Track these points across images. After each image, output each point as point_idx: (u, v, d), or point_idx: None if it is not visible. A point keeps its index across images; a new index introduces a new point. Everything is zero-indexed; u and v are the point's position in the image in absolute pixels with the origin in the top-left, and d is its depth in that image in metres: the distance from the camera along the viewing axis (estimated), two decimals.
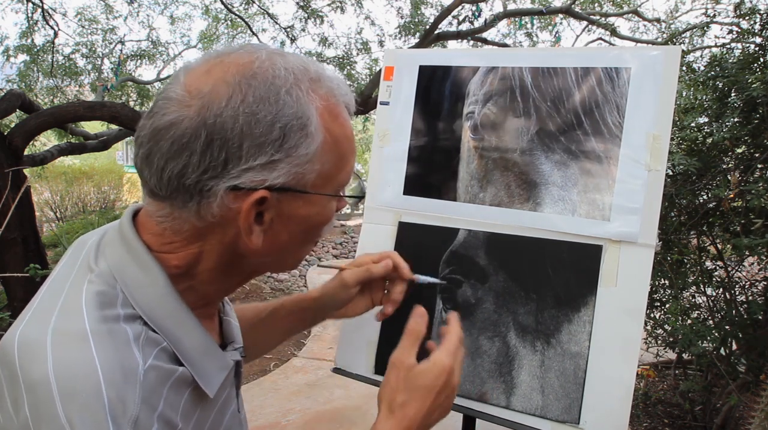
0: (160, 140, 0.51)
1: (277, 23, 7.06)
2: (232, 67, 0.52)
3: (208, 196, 0.51)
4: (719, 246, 2.35)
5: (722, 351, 2.28)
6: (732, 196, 2.01)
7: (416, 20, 6.59)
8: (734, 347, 2.32)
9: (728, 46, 2.71)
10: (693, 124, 2.33)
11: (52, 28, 6.69)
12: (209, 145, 0.50)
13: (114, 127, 5.04)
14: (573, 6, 6.20)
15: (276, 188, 0.52)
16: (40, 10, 6.23)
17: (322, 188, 0.57)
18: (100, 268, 0.55)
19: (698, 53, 5.17)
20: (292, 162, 0.52)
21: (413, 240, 1.06)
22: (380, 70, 1.35)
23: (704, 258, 2.41)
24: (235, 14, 7.22)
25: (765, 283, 2.35)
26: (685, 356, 2.63)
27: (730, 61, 2.25)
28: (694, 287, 2.42)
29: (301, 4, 6.38)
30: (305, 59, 0.56)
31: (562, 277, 0.93)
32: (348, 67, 7.20)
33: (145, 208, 0.57)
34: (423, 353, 0.74)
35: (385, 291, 0.93)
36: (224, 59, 0.53)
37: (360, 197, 0.79)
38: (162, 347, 0.52)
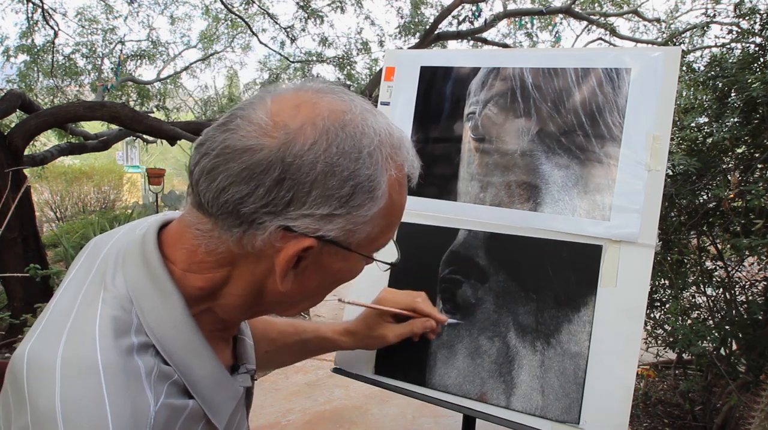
0: (231, 161, 0.49)
1: (277, 23, 7.07)
2: (324, 111, 0.51)
3: (257, 228, 0.50)
4: (719, 246, 2.35)
5: (722, 351, 2.28)
6: (732, 196, 2.00)
7: (416, 20, 6.60)
8: (734, 347, 2.31)
9: (728, 46, 2.71)
10: (693, 124, 2.33)
11: (52, 28, 6.69)
12: (280, 182, 0.49)
13: (114, 127, 5.04)
14: (573, 6, 6.20)
15: (325, 240, 0.52)
16: (40, 10, 6.23)
17: (364, 249, 0.56)
18: (117, 287, 0.53)
19: (698, 53, 5.17)
20: (350, 220, 0.52)
21: (413, 240, 1.06)
22: (381, 71, 1.36)
23: (704, 258, 2.40)
24: (235, 14, 7.23)
25: (765, 283, 2.35)
26: (685, 356, 2.63)
27: (730, 61, 2.25)
28: (694, 287, 2.42)
29: (301, 4, 6.39)
30: (390, 122, 0.56)
31: (562, 277, 0.94)
32: (348, 67, 7.21)
33: (184, 216, 0.56)
34: None
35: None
36: (318, 101, 0.52)
37: (394, 265, 0.80)
38: (173, 381, 0.52)
